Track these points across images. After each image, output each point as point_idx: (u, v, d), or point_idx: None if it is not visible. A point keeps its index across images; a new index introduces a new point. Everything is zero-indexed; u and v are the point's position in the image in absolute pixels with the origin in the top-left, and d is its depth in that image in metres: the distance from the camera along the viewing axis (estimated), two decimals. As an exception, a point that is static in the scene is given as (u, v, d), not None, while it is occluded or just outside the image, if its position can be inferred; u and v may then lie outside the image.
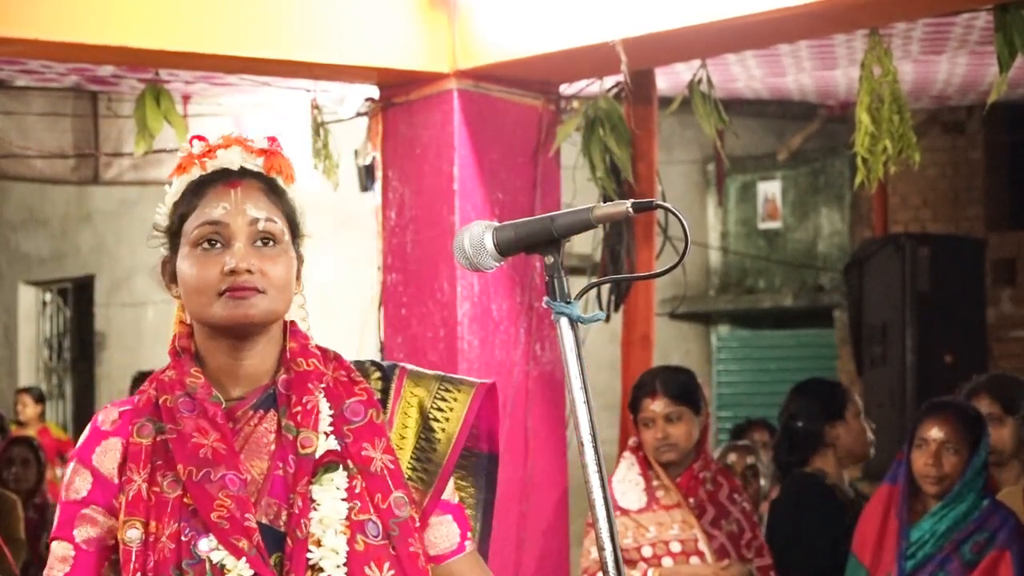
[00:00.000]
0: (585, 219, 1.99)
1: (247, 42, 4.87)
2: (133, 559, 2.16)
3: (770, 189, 11.94)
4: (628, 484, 4.55)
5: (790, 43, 5.84)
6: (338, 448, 2.20)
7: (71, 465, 2.26)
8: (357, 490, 2.18)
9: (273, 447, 2.20)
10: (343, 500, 2.18)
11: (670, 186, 6.47)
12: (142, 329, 12.20)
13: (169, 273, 2.28)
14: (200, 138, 2.30)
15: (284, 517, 2.17)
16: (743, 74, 6.79)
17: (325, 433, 2.21)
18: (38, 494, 7.03)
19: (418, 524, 2.22)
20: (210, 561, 2.13)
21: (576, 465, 2.04)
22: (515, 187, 5.35)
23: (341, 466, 2.19)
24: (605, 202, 2.05)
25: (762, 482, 6.23)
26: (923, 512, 4.34)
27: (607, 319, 5.28)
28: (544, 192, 5.41)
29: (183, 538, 2.14)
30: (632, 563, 4.44)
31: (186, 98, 6.28)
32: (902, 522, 4.33)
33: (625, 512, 4.49)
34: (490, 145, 5.31)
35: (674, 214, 1.97)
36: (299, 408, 2.20)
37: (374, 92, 5.50)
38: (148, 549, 2.16)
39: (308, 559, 2.14)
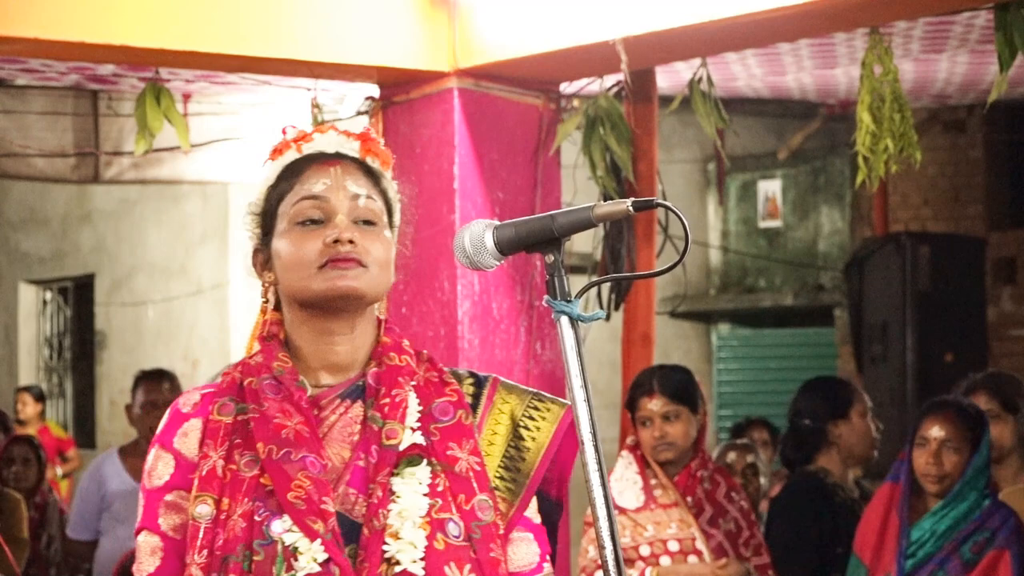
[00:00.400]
0: (586, 218, 1.99)
1: (248, 41, 4.87)
2: (201, 535, 2.09)
3: (770, 188, 11.96)
4: (626, 483, 4.56)
5: (790, 42, 5.83)
6: (423, 443, 2.14)
7: (153, 451, 2.19)
8: (440, 488, 2.12)
9: (356, 438, 2.14)
10: (424, 495, 2.11)
11: (670, 185, 6.47)
12: (142, 328, 12.20)
13: (261, 261, 2.23)
14: (286, 128, 2.28)
15: (362, 508, 2.10)
16: (743, 73, 6.79)
17: (411, 428, 2.15)
18: (38, 493, 7.03)
19: (502, 531, 2.15)
20: (282, 543, 2.06)
21: (576, 464, 2.04)
22: (515, 186, 5.35)
23: (425, 461, 2.13)
24: (605, 201, 2.05)
25: (762, 480, 6.23)
26: (924, 511, 4.34)
27: (607, 318, 5.27)
28: (544, 191, 5.41)
29: (256, 518, 2.08)
30: (630, 562, 4.44)
31: (186, 97, 6.28)
32: (902, 521, 4.33)
33: (623, 511, 4.49)
34: (490, 144, 5.31)
35: (674, 213, 1.97)
36: (387, 400, 2.15)
37: (374, 91, 5.50)
38: (217, 527, 2.09)
39: (384, 551, 2.07)
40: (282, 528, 2.06)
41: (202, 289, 11.24)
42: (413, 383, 2.18)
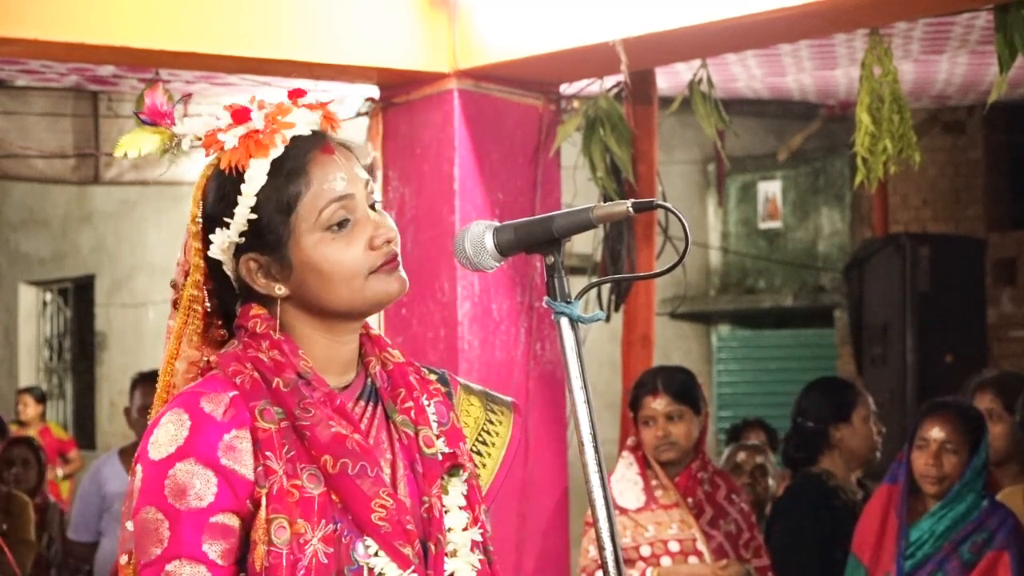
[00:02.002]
0: (585, 219, 1.99)
1: (247, 42, 4.87)
2: (284, 564, 1.86)
3: (770, 189, 11.95)
4: (626, 483, 4.56)
5: (790, 43, 5.83)
6: (448, 451, 2.01)
7: (181, 465, 1.89)
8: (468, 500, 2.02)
9: (386, 444, 1.99)
10: (461, 508, 2.00)
11: (670, 186, 6.47)
12: (142, 329, 12.20)
13: (261, 271, 1.97)
14: (243, 110, 1.99)
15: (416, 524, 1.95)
16: (743, 74, 6.79)
17: (435, 435, 2.02)
18: (38, 495, 7.03)
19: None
20: (367, 567, 1.90)
21: (576, 465, 2.03)
22: (515, 187, 5.35)
23: (463, 471, 2.02)
24: (605, 202, 2.05)
25: (770, 482, 6.22)
26: (923, 512, 4.34)
27: (607, 319, 5.27)
28: (544, 192, 5.41)
29: (343, 540, 1.89)
30: (631, 562, 4.44)
31: (186, 98, 6.27)
32: (901, 522, 4.33)
33: (624, 511, 4.49)
34: (490, 145, 5.31)
35: (674, 214, 1.96)
36: (411, 403, 2.01)
37: (374, 92, 5.50)
38: (296, 552, 1.87)
39: (445, 570, 1.96)
40: (366, 552, 1.90)
41: (202, 290, 11.22)
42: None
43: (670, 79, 6.00)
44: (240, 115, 2.01)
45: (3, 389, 13.47)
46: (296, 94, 2.02)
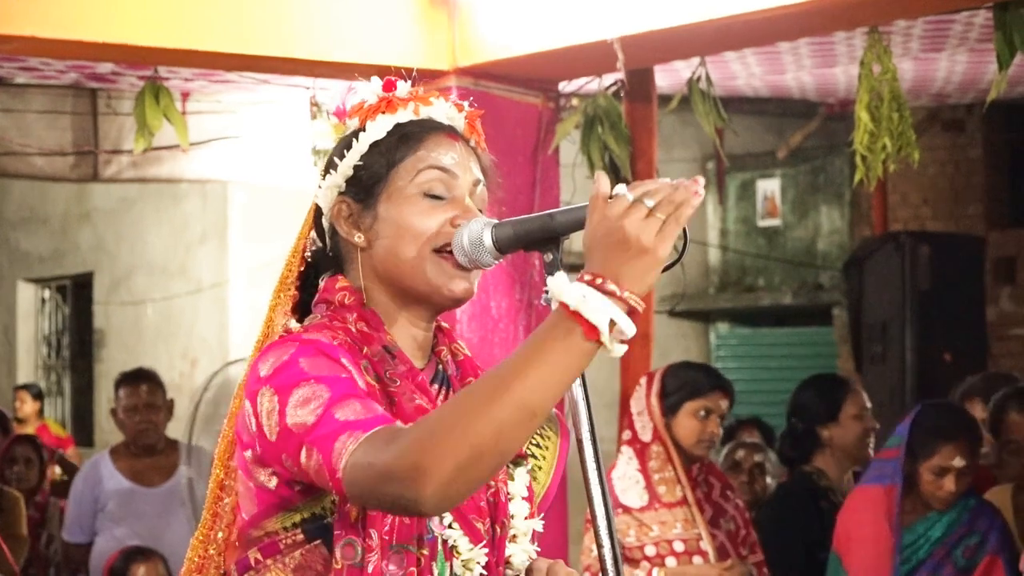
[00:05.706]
0: (584, 216, 1.98)
1: (247, 39, 4.86)
2: (378, 514, 1.88)
3: (770, 187, 11.95)
4: (628, 481, 4.55)
5: (790, 41, 5.83)
6: None
7: (307, 358, 1.86)
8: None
9: None
10: (524, 499, 2.03)
11: (669, 184, 6.45)
12: (141, 327, 12.19)
13: (353, 219, 2.03)
14: (392, 82, 2.09)
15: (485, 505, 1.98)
16: (743, 72, 6.79)
17: None
18: (39, 492, 7.03)
19: None
20: (441, 538, 1.93)
21: (575, 463, 2.03)
22: (514, 185, 5.35)
23: (526, 462, 2.05)
24: (604, 200, 2.04)
25: (768, 480, 6.22)
26: (913, 513, 4.31)
27: (606, 317, 5.26)
28: (543, 190, 5.41)
29: None
30: (635, 562, 4.44)
31: (185, 95, 6.27)
32: (898, 534, 4.27)
33: (627, 510, 4.48)
34: (489, 143, 5.26)
35: (673, 212, 1.96)
36: None
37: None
38: None
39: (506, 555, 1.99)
40: (440, 523, 1.93)
41: (201, 288, 11.23)
42: None
43: (669, 77, 5.99)
44: (389, 85, 2.10)
45: (1, 386, 13.47)
46: (470, 115, 2.12)
